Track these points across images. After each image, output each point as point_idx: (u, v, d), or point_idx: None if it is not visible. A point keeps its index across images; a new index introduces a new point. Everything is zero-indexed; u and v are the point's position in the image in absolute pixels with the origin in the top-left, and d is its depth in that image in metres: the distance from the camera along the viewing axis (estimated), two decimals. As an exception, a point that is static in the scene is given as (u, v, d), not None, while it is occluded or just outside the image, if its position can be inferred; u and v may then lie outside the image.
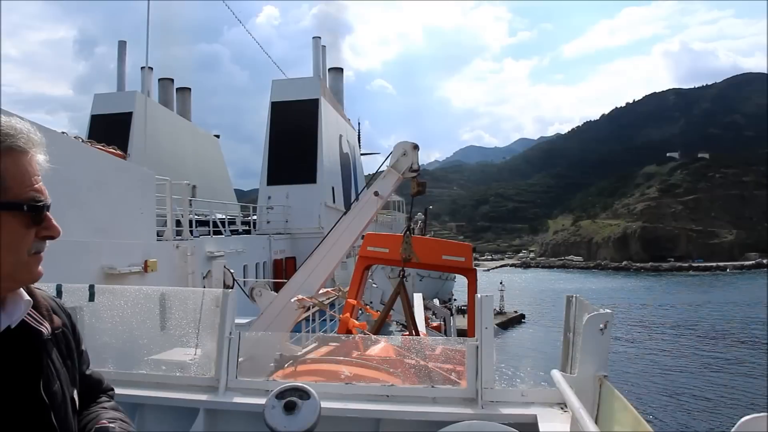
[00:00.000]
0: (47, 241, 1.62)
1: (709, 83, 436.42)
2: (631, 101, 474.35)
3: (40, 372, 1.59)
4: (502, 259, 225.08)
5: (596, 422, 2.91)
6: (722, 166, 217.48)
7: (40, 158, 1.59)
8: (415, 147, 8.95)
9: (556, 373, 3.47)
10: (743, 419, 1.73)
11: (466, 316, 35.62)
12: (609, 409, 3.02)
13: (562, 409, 3.44)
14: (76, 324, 1.95)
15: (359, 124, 55.11)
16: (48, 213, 1.59)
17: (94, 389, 2.04)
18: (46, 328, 1.67)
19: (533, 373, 33.58)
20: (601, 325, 3.22)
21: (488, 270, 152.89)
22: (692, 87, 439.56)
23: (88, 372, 2.01)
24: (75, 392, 1.79)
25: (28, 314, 1.63)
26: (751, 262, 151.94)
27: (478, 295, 3.77)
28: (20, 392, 1.52)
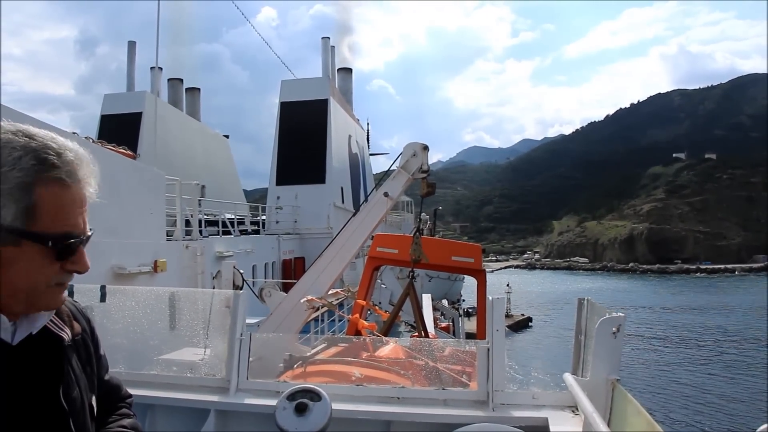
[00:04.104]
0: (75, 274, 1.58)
1: (711, 84, 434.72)
2: (635, 102, 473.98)
3: (61, 378, 1.60)
4: (507, 260, 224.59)
5: (608, 426, 2.91)
6: (729, 167, 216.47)
7: (90, 190, 1.56)
8: (425, 148, 8.98)
9: (568, 377, 3.47)
10: (761, 428, 1.72)
11: (471, 318, 35.72)
12: (621, 413, 3.02)
13: (573, 412, 3.43)
14: (95, 328, 1.96)
15: (368, 124, 55.12)
16: (82, 247, 1.55)
17: (112, 395, 2.05)
18: (66, 334, 1.68)
19: (542, 376, 33.56)
20: (613, 329, 3.22)
21: (492, 271, 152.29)
22: (697, 88, 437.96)
23: (106, 377, 2.01)
24: (93, 398, 1.79)
25: (50, 320, 1.64)
26: (759, 265, 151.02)
27: (490, 297, 3.78)
28: (41, 398, 1.54)
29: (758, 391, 32.72)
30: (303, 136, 30.20)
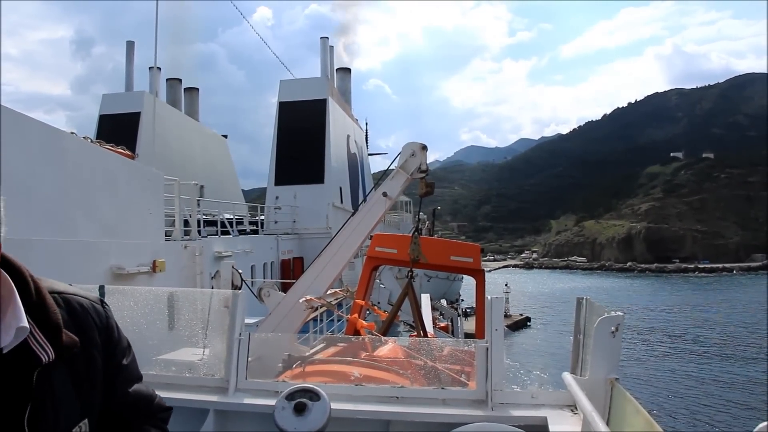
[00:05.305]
0: None
1: (707, 84, 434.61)
2: (632, 101, 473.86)
3: (28, 401, 1.40)
4: (505, 259, 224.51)
5: (607, 425, 2.91)
6: (727, 166, 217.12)
7: None
8: (424, 148, 8.98)
9: (568, 376, 3.48)
10: (760, 425, 1.73)
11: (470, 318, 35.68)
12: (620, 412, 3.02)
13: (572, 411, 3.44)
14: (113, 336, 1.75)
15: (366, 124, 55.09)
16: None
17: (138, 409, 1.83)
18: (46, 352, 1.45)
19: (541, 375, 33.56)
20: (612, 328, 3.23)
21: (490, 270, 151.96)
22: (694, 87, 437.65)
23: (126, 390, 1.78)
24: (85, 422, 1.58)
25: (31, 333, 1.43)
26: (757, 264, 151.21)
27: (489, 297, 3.78)
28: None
29: (757, 390, 32.77)
30: (302, 136, 30.18)
